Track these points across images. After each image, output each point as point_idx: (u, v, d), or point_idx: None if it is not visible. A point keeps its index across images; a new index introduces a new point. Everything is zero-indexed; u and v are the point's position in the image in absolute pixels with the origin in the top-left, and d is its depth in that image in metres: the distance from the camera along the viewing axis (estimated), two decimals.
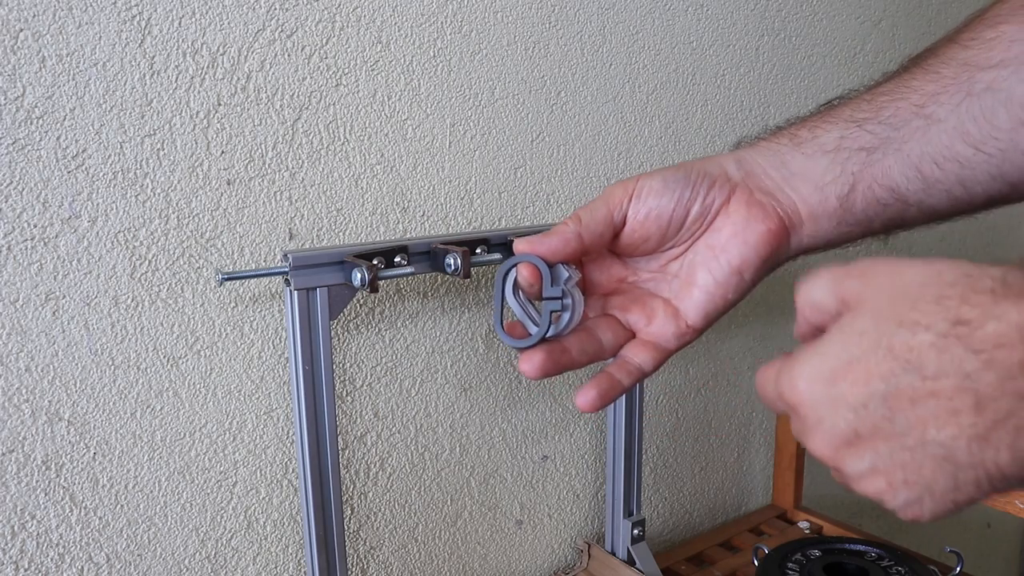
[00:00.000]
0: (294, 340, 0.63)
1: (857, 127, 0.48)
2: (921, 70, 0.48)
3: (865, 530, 0.98)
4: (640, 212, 0.48)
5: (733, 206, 0.48)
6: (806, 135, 0.49)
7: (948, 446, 0.31)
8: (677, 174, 0.48)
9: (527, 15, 0.78)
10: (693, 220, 0.48)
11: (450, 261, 0.65)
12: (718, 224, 0.48)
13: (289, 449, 0.70)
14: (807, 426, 0.35)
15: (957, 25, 0.48)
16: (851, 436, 0.34)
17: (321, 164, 0.68)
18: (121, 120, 0.58)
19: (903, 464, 0.33)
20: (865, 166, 0.48)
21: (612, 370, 0.48)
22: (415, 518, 0.79)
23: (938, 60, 0.47)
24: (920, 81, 0.47)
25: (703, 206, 0.48)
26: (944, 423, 0.31)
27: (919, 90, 0.47)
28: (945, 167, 0.47)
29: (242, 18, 0.62)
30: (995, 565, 1.65)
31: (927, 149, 0.47)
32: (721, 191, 0.48)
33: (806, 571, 0.81)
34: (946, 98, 0.46)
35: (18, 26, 0.54)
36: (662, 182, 0.47)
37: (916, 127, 0.47)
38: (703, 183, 0.48)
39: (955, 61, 0.46)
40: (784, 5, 1.02)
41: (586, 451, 0.91)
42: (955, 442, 0.31)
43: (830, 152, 0.48)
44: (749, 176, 0.49)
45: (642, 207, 0.47)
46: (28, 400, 0.57)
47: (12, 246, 0.56)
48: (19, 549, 0.58)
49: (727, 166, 0.49)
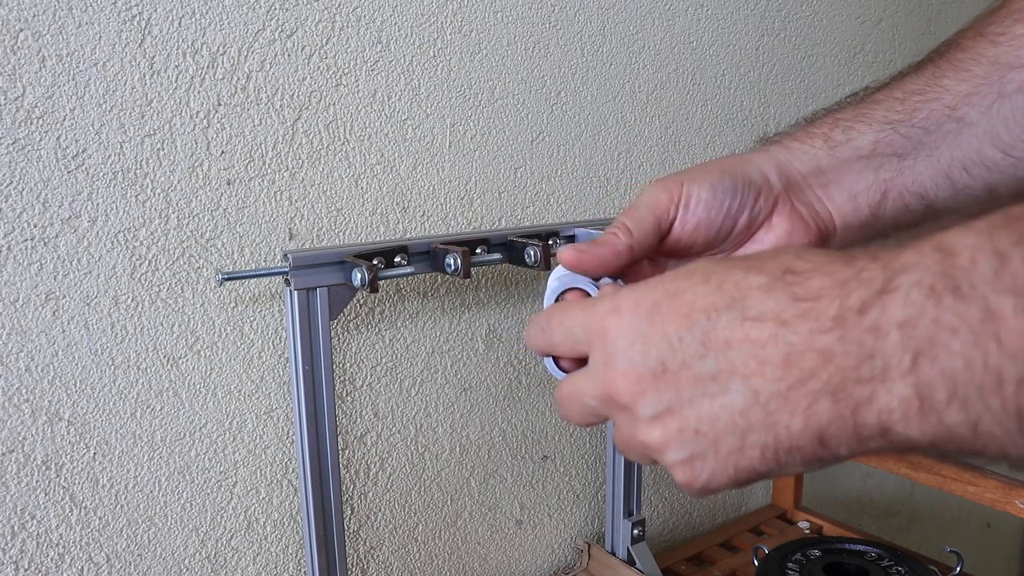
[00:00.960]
0: (294, 340, 0.63)
1: (892, 130, 0.47)
2: (952, 67, 0.47)
3: (865, 530, 0.98)
4: (689, 223, 0.46)
5: (776, 219, 0.47)
6: (840, 137, 0.48)
7: (748, 399, 0.31)
8: (724, 182, 0.46)
9: (527, 15, 0.78)
10: (739, 231, 0.47)
11: (450, 261, 0.65)
12: (760, 236, 0.47)
13: (289, 449, 0.70)
14: (614, 356, 0.34)
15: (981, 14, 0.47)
16: (658, 370, 0.33)
17: (321, 164, 0.68)
18: (121, 120, 0.58)
19: (700, 411, 0.32)
20: (897, 173, 0.47)
21: None
22: (415, 518, 0.79)
23: (968, 56, 0.47)
24: (952, 80, 0.47)
25: (750, 217, 0.47)
26: (751, 372, 0.31)
27: (951, 90, 0.46)
28: (974, 172, 0.46)
29: (242, 18, 0.62)
30: (995, 565, 1.65)
31: (957, 154, 0.46)
32: (766, 203, 0.47)
33: (806, 571, 0.81)
34: (978, 99, 0.46)
35: (18, 26, 0.54)
36: (711, 191, 0.46)
37: (948, 131, 0.46)
38: (749, 193, 0.47)
39: (985, 58, 0.46)
40: (784, 5, 1.02)
41: (586, 451, 0.91)
42: (756, 396, 0.31)
43: (865, 157, 0.47)
44: (790, 186, 0.48)
45: (691, 217, 0.46)
46: (28, 400, 0.57)
47: (12, 246, 0.56)
48: (19, 549, 0.58)
49: (768, 174, 0.48)
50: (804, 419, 0.30)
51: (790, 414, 0.30)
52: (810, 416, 0.30)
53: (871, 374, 0.28)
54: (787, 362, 0.30)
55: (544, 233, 0.73)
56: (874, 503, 1.33)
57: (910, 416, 0.28)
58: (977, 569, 0.91)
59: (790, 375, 0.30)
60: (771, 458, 0.32)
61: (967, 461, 0.83)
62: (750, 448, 0.32)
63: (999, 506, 0.82)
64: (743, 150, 1.04)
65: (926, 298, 0.27)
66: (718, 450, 0.32)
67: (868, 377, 0.28)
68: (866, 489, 1.31)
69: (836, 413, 0.29)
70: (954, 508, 1.45)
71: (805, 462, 0.31)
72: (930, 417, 0.27)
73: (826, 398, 0.29)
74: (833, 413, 0.29)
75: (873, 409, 0.28)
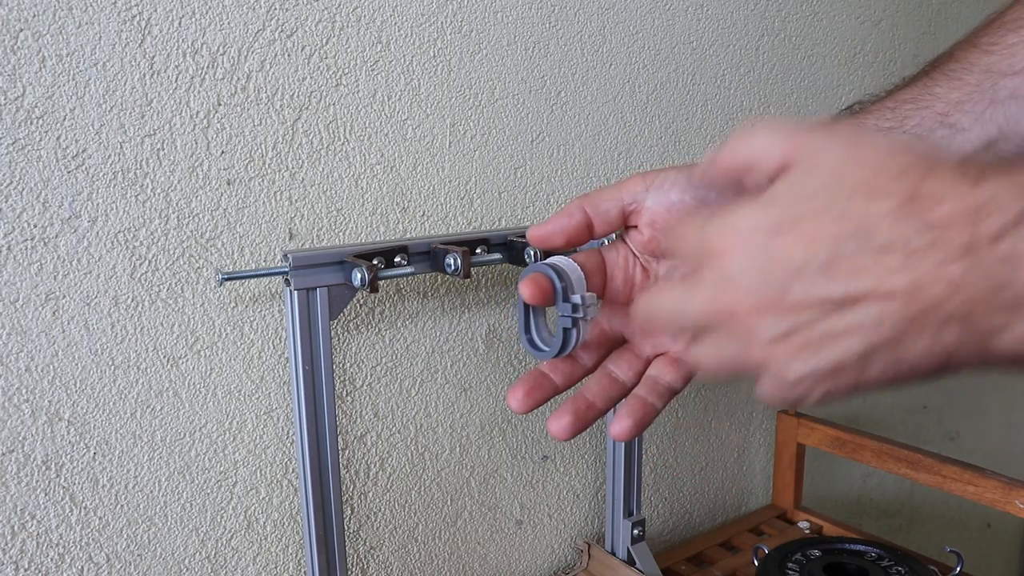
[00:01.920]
0: (294, 340, 0.63)
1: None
2: (944, 76, 0.47)
3: (865, 530, 0.98)
4: (661, 204, 0.45)
5: None
6: None
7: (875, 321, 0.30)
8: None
9: (527, 15, 0.78)
10: None
11: (450, 261, 0.65)
12: None
13: (289, 449, 0.70)
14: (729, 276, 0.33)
15: (975, 27, 0.48)
16: (782, 293, 0.32)
17: (321, 164, 0.68)
18: (121, 120, 0.58)
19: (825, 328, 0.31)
20: None
21: (643, 393, 0.47)
22: (415, 518, 0.79)
23: (960, 66, 0.47)
24: (944, 88, 0.47)
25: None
26: (879, 298, 0.30)
27: (943, 98, 0.46)
28: None
29: (242, 18, 0.62)
30: (995, 565, 1.65)
31: None
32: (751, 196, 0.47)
33: (806, 571, 0.81)
34: (970, 107, 0.46)
35: (18, 26, 0.54)
36: (687, 178, 0.45)
37: (941, 137, 0.46)
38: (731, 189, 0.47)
39: (977, 67, 0.46)
40: (784, 5, 1.02)
41: (586, 451, 0.91)
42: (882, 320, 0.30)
43: None
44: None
45: (663, 198, 0.45)
46: (28, 400, 0.57)
47: (12, 246, 0.56)
48: (19, 549, 0.58)
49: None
50: (931, 342, 0.30)
51: (917, 337, 0.30)
52: (937, 340, 0.30)
53: (1003, 304, 0.28)
54: (915, 290, 0.29)
55: None
56: (874, 503, 1.33)
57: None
58: (977, 569, 0.91)
59: (918, 302, 0.30)
60: (891, 373, 0.31)
61: None
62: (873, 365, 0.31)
63: (999, 506, 0.82)
64: None
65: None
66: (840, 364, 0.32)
67: (1000, 307, 0.28)
68: (866, 489, 1.31)
69: (966, 338, 0.30)
70: (954, 508, 1.45)
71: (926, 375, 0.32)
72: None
73: (955, 324, 0.29)
74: (963, 338, 0.30)
75: (1006, 338, 0.29)
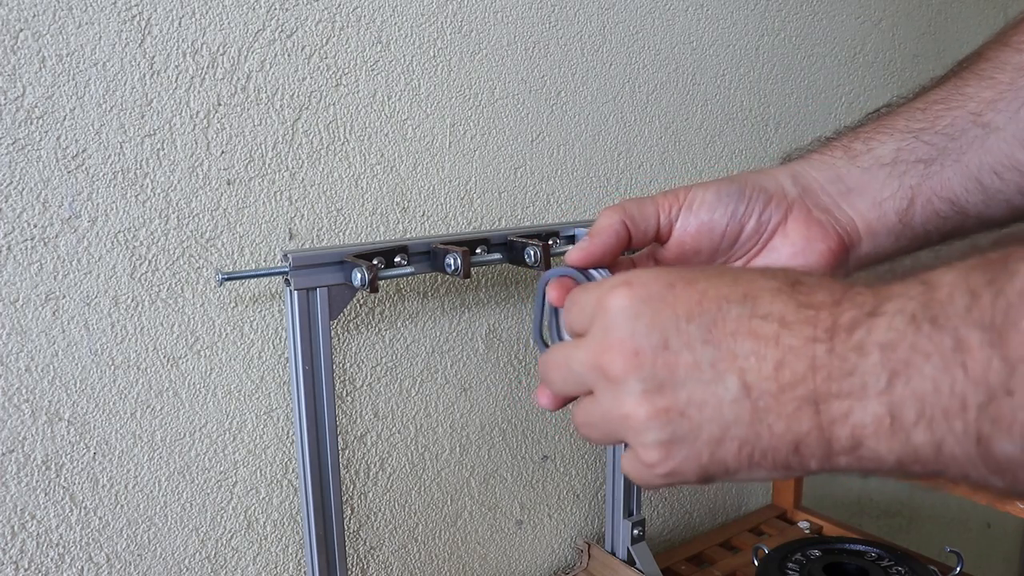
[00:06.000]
0: (294, 340, 0.63)
1: (914, 138, 0.47)
2: (975, 76, 0.47)
3: (865, 530, 0.98)
4: (691, 224, 0.46)
5: (791, 225, 0.47)
6: (861, 147, 0.48)
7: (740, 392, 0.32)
8: (731, 187, 0.46)
9: (527, 15, 0.78)
10: (748, 236, 0.47)
11: (450, 261, 0.65)
12: (776, 243, 0.47)
13: (289, 449, 0.70)
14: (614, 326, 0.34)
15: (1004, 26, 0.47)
16: (659, 347, 0.33)
17: (321, 164, 0.68)
18: (121, 120, 0.58)
19: (691, 394, 0.32)
20: (923, 179, 0.47)
21: None
22: (415, 518, 0.79)
23: (991, 65, 0.46)
24: (975, 88, 0.46)
25: (759, 222, 0.46)
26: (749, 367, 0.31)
27: (975, 97, 0.46)
28: (1005, 176, 0.46)
29: (242, 18, 0.62)
30: (995, 565, 1.65)
31: (986, 159, 0.46)
32: (778, 208, 0.47)
33: (806, 571, 0.81)
34: (1003, 105, 0.45)
35: (18, 26, 0.54)
36: (715, 195, 0.46)
37: (974, 136, 0.46)
38: (758, 198, 0.46)
39: (1009, 66, 0.46)
40: (784, 5, 1.02)
41: (586, 451, 0.91)
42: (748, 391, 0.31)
43: (887, 165, 0.47)
44: (806, 192, 0.47)
45: (693, 219, 0.46)
46: (28, 400, 0.57)
47: (12, 246, 0.56)
48: (19, 549, 0.58)
49: (783, 182, 0.47)
50: (787, 423, 0.31)
51: (776, 415, 0.31)
52: (792, 421, 0.31)
53: (850, 389, 0.29)
54: (782, 363, 0.31)
55: (544, 233, 0.73)
56: (874, 503, 1.33)
57: (881, 433, 0.29)
58: (977, 569, 0.91)
59: (782, 376, 0.31)
60: (745, 456, 0.32)
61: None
62: (729, 441, 0.32)
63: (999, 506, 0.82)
64: (743, 150, 1.04)
65: (907, 324, 0.28)
66: (698, 436, 0.33)
67: (847, 392, 0.30)
68: (866, 489, 1.31)
69: (815, 423, 0.31)
70: (954, 508, 1.45)
71: (773, 468, 0.32)
72: (899, 435, 0.29)
73: (809, 407, 0.30)
74: (813, 423, 0.31)
75: (848, 424, 0.30)
